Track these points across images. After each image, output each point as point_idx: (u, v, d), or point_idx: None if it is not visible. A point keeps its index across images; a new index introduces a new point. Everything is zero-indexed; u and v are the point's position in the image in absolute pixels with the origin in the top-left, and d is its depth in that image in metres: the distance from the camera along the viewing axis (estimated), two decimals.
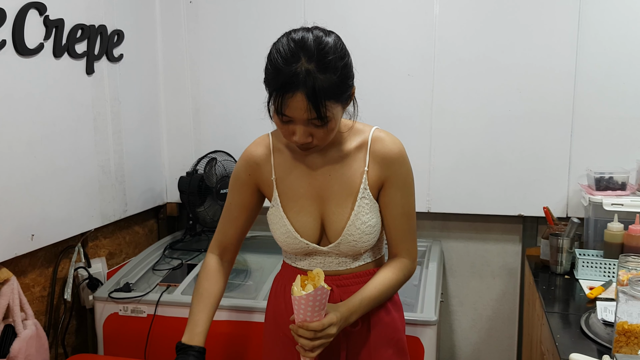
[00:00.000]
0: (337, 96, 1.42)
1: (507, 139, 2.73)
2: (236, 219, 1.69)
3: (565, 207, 2.71)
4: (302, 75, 1.35)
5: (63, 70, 2.31)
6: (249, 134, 2.92)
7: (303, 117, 1.40)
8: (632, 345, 1.54)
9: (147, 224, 3.07)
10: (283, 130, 1.48)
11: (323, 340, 1.45)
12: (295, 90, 1.36)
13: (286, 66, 1.37)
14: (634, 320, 1.54)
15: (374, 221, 1.59)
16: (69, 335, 2.49)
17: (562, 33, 2.60)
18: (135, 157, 2.81)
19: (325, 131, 1.45)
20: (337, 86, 1.41)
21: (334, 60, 1.40)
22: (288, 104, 1.38)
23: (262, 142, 1.67)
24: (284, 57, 1.38)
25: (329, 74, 1.38)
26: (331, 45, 1.41)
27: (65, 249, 2.43)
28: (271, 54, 1.43)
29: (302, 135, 1.44)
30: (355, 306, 1.54)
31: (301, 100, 1.37)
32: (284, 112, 1.40)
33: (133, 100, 2.77)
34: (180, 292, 2.38)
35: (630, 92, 2.58)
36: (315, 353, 1.47)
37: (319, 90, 1.36)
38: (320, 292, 1.40)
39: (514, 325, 2.97)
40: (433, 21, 2.72)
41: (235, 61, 2.96)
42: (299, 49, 1.38)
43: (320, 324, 1.43)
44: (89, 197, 2.48)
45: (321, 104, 1.38)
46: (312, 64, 1.37)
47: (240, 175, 1.67)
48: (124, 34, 2.66)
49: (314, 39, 1.40)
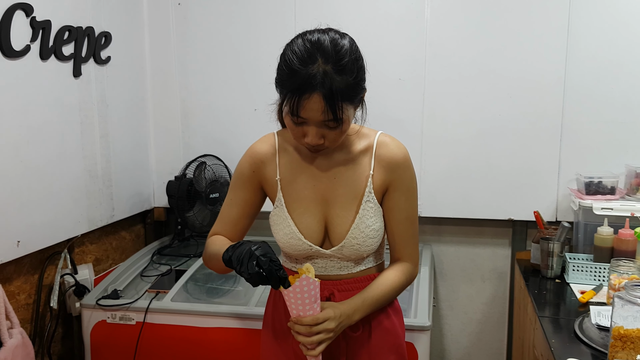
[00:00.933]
0: (351, 98, 1.42)
1: (498, 143, 2.73)
2: (237, 217, 1.66)
3: (554, 211, 2.71)
4: (319, 77, 1.35)
5: (50, 72, 2.27)
6: (238, 138, 2.94)
7: (318, 119, 1.39)
8: (628, 350, 1.54)
9: (134, 229, 3.03)
10: (295, 132, 1.46)
11: (322, 336, 1.43)
12: (313, 91, 1.35)
13: (303, 67, 1.36)
14: (629, 325, 1.53)
15: (377, 225, 1.58)
16: (54, 344, 2.44)
17: (551, 38, 2.61)
18: (123, 161, 2.77)
19: (337, 133, 1.45)
20: (352, 88, 1.41)
21: (350, 62, 1.39)
22: (304, 105, 1.37)
23: (268, 140, 1.65)
24: (301, 58, 1.37)
25: (345, 76, 1.38)
26: (347, 48, 1.41)
27: (51, 255, 2.39)
28: (286, 54, 1.41)
29: (315, 137, 1.43)
30: (357, 304, 1.53)
31: (318, 101, 1.36)
32: (300, 114, 1.39)
33: (120, 103, 2.74)
34: (170, 298, 2.35)
35: (618, 97, 2.59)
36: (318, 351, 1.45)
37: (335, 92, 1.36)
38: (306, 282, 1.37)
39: (504, 329, 2.97)
40: (424, 25, 2.71)
41: (225, 64, 2.94)
42: (316, 50, 1.38)
43: (315, 318, 1.42)
44: (75, 202, 2.44)
45: (337, 105, 1.37)
46: (329, 66, 1.36)
47: (244, 171, 1.64)
48: (112, 36, 2.62)
49: (330, 41, 1.40)
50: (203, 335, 2.29)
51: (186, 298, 2.40)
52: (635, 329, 1.52)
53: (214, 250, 1.54)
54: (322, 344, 1.45)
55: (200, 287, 2.51)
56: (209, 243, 1.62)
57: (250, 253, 1.35)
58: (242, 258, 1.36)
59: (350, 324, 1.51)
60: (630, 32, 2.55)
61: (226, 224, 1.67)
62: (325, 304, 1.47)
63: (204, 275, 2.59)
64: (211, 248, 1.58)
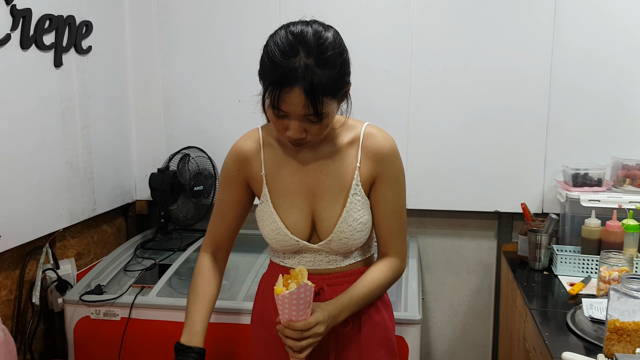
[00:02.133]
0: (334, 92, 1.39)
1: (484, 135, 2.72)
2: (228, 216, 1.65)
3: (540, 203, 2.72)
4: (300, 70, 1.32)
5: (31, 62, 2.20)
6: (222, 130, 2.90)
7: (299, 113, 1.36)
8: (625, 343, 1.54)
9: (115, 222, 2.97)
10: (277, 125, 1.44)
11: (311, 340, 1.41)
12: (293, 85, 1.32)
13: (284, 60, 1.33)
14: (625, 318, 1.54)
15: (365, 218, 1.56)
16: (36, 341, 2.38)
17: (538, 31, 2.61)
18: (104, 153, 2.71)
19: (319, 127, 1.42)
20: (335, 82, 1.38)
21: (333, 55, 1.36)
22: (285, 99, 1.34)
23: (252, 136, 1.62)
24: (282, 51, 1.34)
25: (327, 70, 1.35)
26: (330, 41, 1.38)
27: (33, 250, 2.32)
28: (268, 46, 1.38)
29: (297, 131, 1.41)
30: (344, 304, 1.50)
31: (299, 95, 1.33)
32: (280, 107, 1.36)
33: (102, 94, 2.67)
34: (156, 293, 2.30)
35: (604, 89, 2.60)
36: (304, 354, 1.43)
37: (317, 86, 1.33)
38: (303, 289, 1.36)
39: (489, 320, 2.98)
40: (410, 16, 2.69)
41: (208, 54, 2.88)
42: (298, 42, 1.34)
43: (307, 323, 1.40)
44: (57, 195, 2.37)
45: (318, 100, 1.34)
46: (311, 59, 1.33)
47: (230, 170, 1.62)
48: (93, 25, 2.55)
49: (313, 33, 1.36)
50: None
51: (171, 293, 2.36)
52: (632, 321, 1.52)
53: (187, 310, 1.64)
54: (310, 348, 1.43)
55: (185, 281, 2.47)
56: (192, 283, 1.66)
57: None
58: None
59: (335, 324, 1.50)
60: (616, 25, 2.56)
61: (219, 225, 1.67)
62: (314, 306, 1.45)
63: (188, 269, 2.55)
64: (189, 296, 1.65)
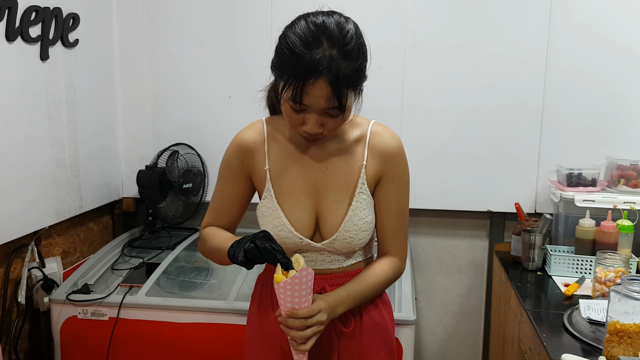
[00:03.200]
0: (356, 85, 1.36)
1: (477, 133, 2.70)
2: (229, 208, 1.60)
3: (533, 203, 2.71)
4: (325, 61, 1.28)
5: (16, 55, 2.14)
6: (212, 126, 2.85)
7: (322, 106, 1.32)
8: (625, 345, 1.52)
9: (101, 220, 2.91)
10: (292, 120, 1.39)
11: (314, 329, 1.37)
12: (318, 77, 1.28)
13: (307, 51, 1.28)
14: (626, 320, 1.52)
15: (370, 217, 1.53)
16: (21, 341, 2.32)
17: (533, 28, 2.59)
18: (91, 149, 2.65)
19: (337, 121, 1.39)
20: (357, 74, 1.35)
21: (355, 47, 1.33)
22: (308, 92, 1.30)
23: (256, 127, 1.57)
24: (305, 41, 1.29)
25: (351, 61, 1.32)
26: (353, 32, 1.34)
27: (18, 248, 2.26)
28: (287, 37, 1.33)
29: (315, 125, 1.37)
30: (342, 297, 1.47)
31: (324, 87, 1.29)
32: (303, 101, 1.32)
33: (88, 89, 2.61)
34: (145, 293, 2.26)
35: (599, 88, 2.59)
36: (309, 344, 1.38)
37: (342, 78, 1.29)
38: (305, 272, 1.31)
39: (480, 321, 2.96)
40: (405, 12, 2.66)
41: (198, 49, 2.82)
42: (321, 33, 1.30)
43: (310, 310, 1.35)
44: (43, 192, 2.31)
45: (343, 92, 1.31)
46: (335, 50, 1.29)
47: (232, 162, 1.57)
48: (80, 18, 2.49)
49: (336, 24, 1.32)
50: (180, 331, 2.21)
51: (160, 293, 2.31)
52: (632, 324, 1.50)
53: (216, 245, 1.49)
54: (313, 338, 1.39)
55: (173, 280, 2.42)
56: (207, 236, 1.55)
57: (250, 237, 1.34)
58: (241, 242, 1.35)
59: (333, 317, 1.46)
60: (611, 24, 2.55)
61: (219, 216, 1.61)
62: (313, 296, 1.41)
63: (177, 268, 2.50)
64: (211, 243, 1.52)
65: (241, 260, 1.32)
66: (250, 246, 1.30)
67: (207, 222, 1.62)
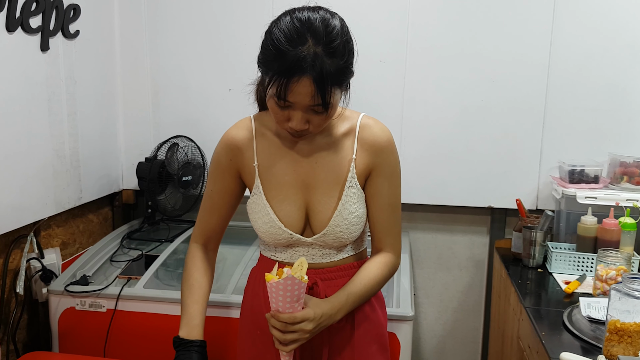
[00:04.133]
0: (341, 82, 1.35)
1: (479, 129, 2.68)
2: (219, 207, 1.60)
3: (535, 199, 2.69)
4: (309, 59, 1.27)
5: (16, 45, 2.13)
6: (212, 119, 2.83)
7: (307, 103, 1.32)
8: (625, 344, 1.51)
9: (101, 212, 2.90)
10: (278, 116, 1.38)
11: (296, 336, 1.37)
12: (302, 74, 1.27)
13: (292, 48, 1.27)
14: (626, 318, 1.51)
15: (361, 211, 1.52)
16: (20, 331, 2.32)
17: (536, 23, 2.57)
18: (91, 140, 2.64)
19: (323, 118, 1.38)
20: (342, 72, 1.33)
21: (341, 44, 1.32)
22: (292, 89, 1.29)
23: (244, 125, 1.57)
24: (289, 38, 1.28)
25: (336, 59, 1.30)
26: (338, 29, 1.33)
27: (17, 239, 2.25)
28: (272, 33, 1.32)
29: (300, 122, 1.36)
30: (341, 302, 1.47)
31: (308, 85, 1.28)
32: (287, 98, 1.31)
33: (89, 80, 2.60)
34: (143, 285, 2.25)
35: (602, 85, 2.57)
36: (289, 348, 1.39)
37: (326, 76, 1.28)
38: (290, 282, 1.32)
39: (480, 317, 2.95)
40: (407, 6, 2.64)
41: (198, 41, 2.81)
42: (306, 29, 1.29)
43: (291, 317, 1.36)
44: (42, 183, 2.30)
45: (327, 90, 1.30)
46: (320, 47, 1.28)
47: (221, 160, 1.57)
48: (81, 9, 2.48)
49: (321, 20, 1.31)
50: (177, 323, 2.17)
51: (158, 285, 2.30)
52: (633, 322, 1.49)
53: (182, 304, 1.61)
54: (296, 343, 1.39)
55: (172, 273, 2.42)
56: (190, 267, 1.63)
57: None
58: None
59: (332, 323, 1.46)
60: (615, 21, 2.53)
61: (210, 216, 1.62)
62: (309, 302, 1.41)
63: (175, 261, 2.49)
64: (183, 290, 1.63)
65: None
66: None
67: (197, 228, 1.65)
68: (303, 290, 1.36)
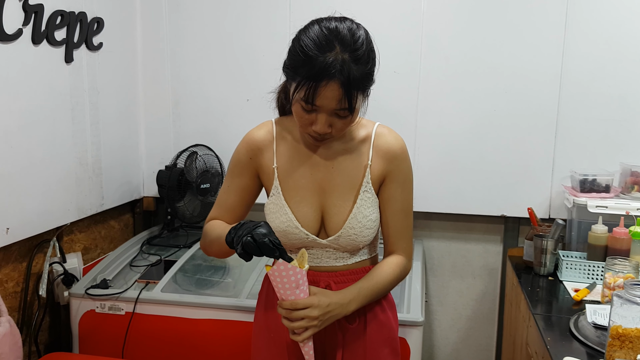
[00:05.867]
0: (365, 88, 1.42)
1: (492, 139, 2.72)
2: (234, 203, 1.65)
3: (547, 208, 2.71)
4: (338, 64, 1.34)
5: (42, 57, 2.22)
6: (230, 128, 2.91)
7: (333, 107, 1.39)
8: (627, 349, 1.53)
9: (122, 218, 2.98)
10: (302, 120, 1.45)
11: (303, 323, 1.41)
12: (331, 79, 1.34)
13: (320, 54, 1.35)
14: (628, 324, 1.53)
15: (374, 216, 1.58)
16: (42, 333, 2.40)
17: (548, 34, 2.60)
18: (113, 149, 2.73)
19: (346, 122, 1.44)
20: (366, 78, 1.41)
21: (366, 52, 1.40)
22: (320, 93, 1.36)
23: (265, 127, 1.63)
24: (318, 45, 1.36)
25: (361, 65, 1.38)
26: (363, 38, 1.41)
27: (40, 243, 2.34)
28: (301, 40, 1.39)
29: (324, 125, 1.42)
30: (353, 294, 1.51)
31: (336, 89, 1.35)
32: (315, 102, 1.38)
33: (111, 91, 2.69)
34: (160, 289, 2.32)
35: (614, 94, 2.59)
36: (302, 337, 1.43)
37: (353, 81, 1.36)
38: (283, 267, 1.36)
39: (493, 325, 2.97)
40: (420, 18, 2.69)
41: (218, 53, 2.89)
42: (334, 37, 1.37)
43: (293, 303, 1.41)
44: (65, 189, 2.39)
45: (353, 95, 1.37)
46: (347, 54, 1.36)
47: (241, 158, 1.62)
48: (104, 22, 2.57)
49: (348, 29, 1.39)
50: (193, 326, 2.26)
51: (176, 289, 2.37)
52: (634, 328, 1.51)
53: (216, 235, 1.53)
54: (307, 331, 1.43)
55: (190, 278, 2.49)
56: (208, 229, 1.60)
57: (249, 228, 1.35)
58: (241, 234, 1.36)
59: (345, 314, 1.50)
60: (628, 29, 2.54)
61: (223, 211, 1.65)
62: (318, 291, 1.46)
63: (193, 266, 2.56)
64: (211, 234, 1.57)
65: (239, 252, 1.36)
66: (248, 240, 1.33)
67: (212, 216, 1.67)
68: (302, 277, 1.40)
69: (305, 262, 1.42)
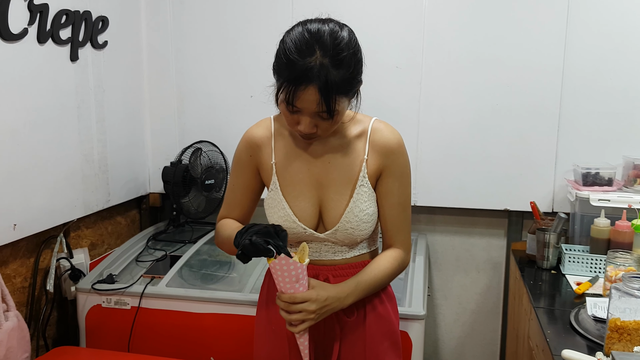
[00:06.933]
0: (346, 91, 1.43)
1: (495, 133, 2.72)
2: (240, 201, 1.69)
3: (551, 202, 2.72)
4: (316, 70, 1.35)
5: (47, 56, 2.25)
6: (234, 125, 2.93)
7: (312, 110, 1.40)
8: (625, 342, 1.54)
9: (129, 214, 3.02)
10: (289, 119, 1.47)
11: (300, 316, 1.44)
12: (308, 83, 1.36)
13: (300, 58, 1.36)
14: (626, 317, 1.54)
15: (371, 210, 1.59)
16: (49, 327, 2.44)
17: (550, 28, 2.60)
18: (119, 146, 2.76)
19: (330, 123, 1.46)
20: (348, 82, 1.41)
21: (348, 56, 1.40)
22: (299, 96, 1.38)
23: (264, 124, 1.66)
24: (299, 49, 1.37)
25: (342, 70, 1.38)
26: (346, 41, 1.41)
27: (47, 239, 2.38)
28: (285, 43, 1.41)
29: (308, 126, 1.45)
30: (350, 288, 1.53)
31: (313, 93, 1.37)
32: (294, 104, 1.40)
33: (117, 88, 2.72)
34: (165, 284, 2.35)
35: (617, 87, 2.59)
36: (298, 329, 1.46)
37: (331, 85, 1.36)
38: (285, 261, 1.38)
39: (498, 319, 2.98)
40: (422, 13, 2.70)
41: (221, 50, 2.92)
42: (315, 41, 1.37)
43: (292, 297, 1.43)
44: (72, 186, 2.43)
45: (332, 99, 1.38)
46: (327, 59, 1.36)
47: (241, 157, 1.66)
48: (109, 21, 2.60)
49: (329, 33, 1.39)
50: (198, 320, 2.29)
51: (181, 284, 2.40)
52: (632, 320, 1.52)
53: (226, 236, 1.58)
54: (304, 324, 1.45)
55: (195, 273, 2.51)
56: (220, 229, 1.65)
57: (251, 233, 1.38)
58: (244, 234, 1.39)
59: (342, 307, 1.52)
60: (630, 23, 2.54)
61: (231, 209, 1.70)
62: (316, 284, 1.48)
63: (198, 261, 2.59)
64: (222, 234, 1.62)
65: (237, 255, 1.39)
66: (246, 242, 1.36)
67: (222, 215, 1.72)
68: (302, 271, 1.42)
69: (305, 256, 1.45)
